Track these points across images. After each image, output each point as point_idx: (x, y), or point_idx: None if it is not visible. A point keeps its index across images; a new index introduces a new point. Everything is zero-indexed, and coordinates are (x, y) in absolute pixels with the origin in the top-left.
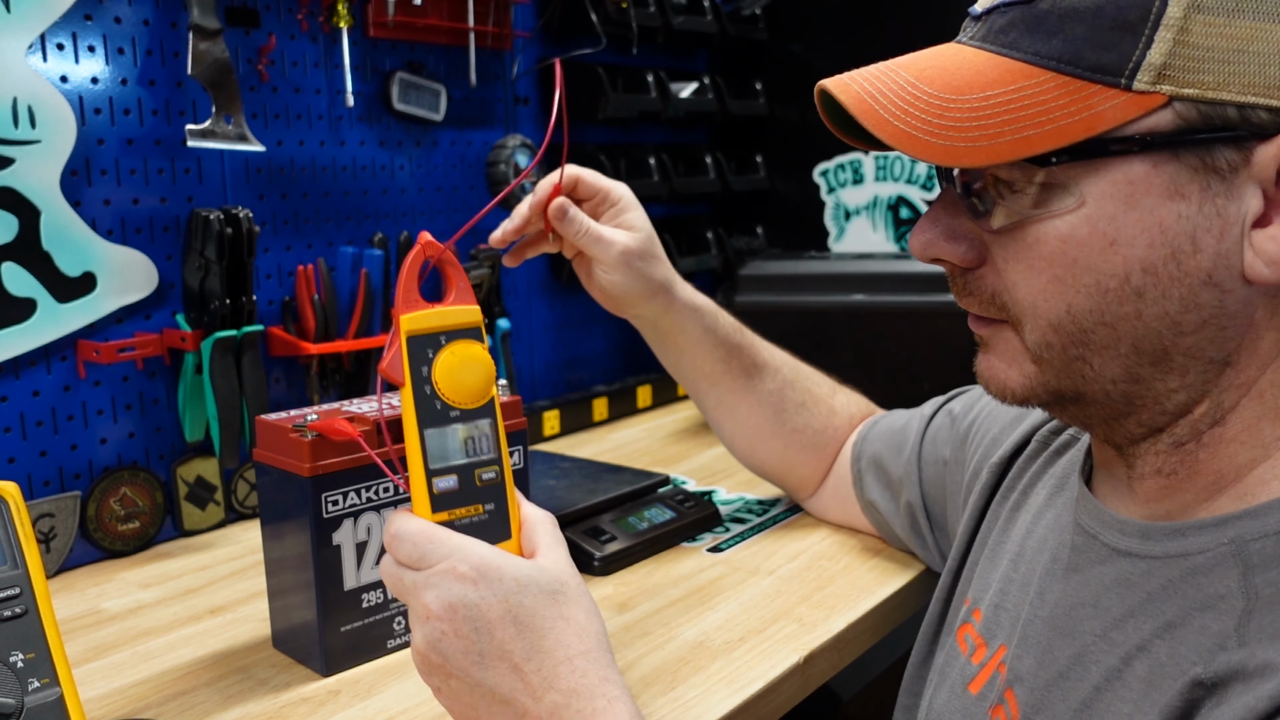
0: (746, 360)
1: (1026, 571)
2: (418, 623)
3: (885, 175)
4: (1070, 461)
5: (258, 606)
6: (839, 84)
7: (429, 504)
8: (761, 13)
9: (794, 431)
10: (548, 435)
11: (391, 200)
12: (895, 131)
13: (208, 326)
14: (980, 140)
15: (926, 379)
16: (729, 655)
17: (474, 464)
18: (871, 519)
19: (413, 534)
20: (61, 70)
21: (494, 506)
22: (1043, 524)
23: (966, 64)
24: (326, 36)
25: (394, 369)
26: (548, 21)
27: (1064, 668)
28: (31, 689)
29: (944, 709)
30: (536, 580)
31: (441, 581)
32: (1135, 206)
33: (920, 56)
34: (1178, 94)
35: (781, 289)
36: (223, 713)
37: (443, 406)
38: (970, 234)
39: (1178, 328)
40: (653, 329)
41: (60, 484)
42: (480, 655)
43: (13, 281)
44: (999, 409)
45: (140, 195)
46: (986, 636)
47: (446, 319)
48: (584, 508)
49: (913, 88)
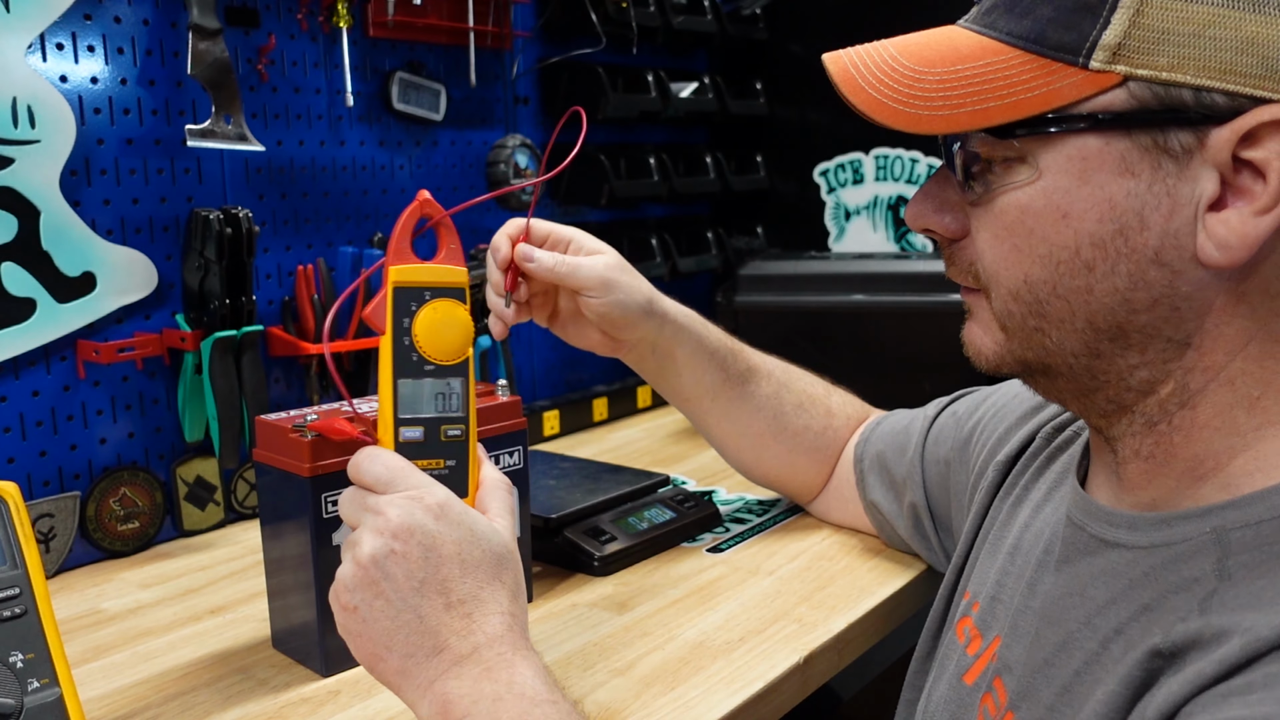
0: (741, 366)
1: (1022, 564)
2: (370, 534)
3: (885, 175)
4: (1069, 458)
5: (258, 606)
6: (833, 57)
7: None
8: (761, 13)
9: (795, 434)
10: (548, 435)
11: (391, 200)
12: (867, 98)
13: (207, 326)
14: (943, 109)
15: (926, 379)
16: (729, 655)
17: (441, 419)
18: (873, 520)
19: (385, 459)
20: (61, 70)
21: (455, 463)
22: (1040, 519)
23: (948, 42)
24: (326, 36)
25: (377, 316)
26: (548, 21)
27: (1049, 655)
28: (31, 689)
29: (941, 700)
30: (488, 538)
31: (406, 504)
32: (1087, 181)
33: (913, 35)
34: (1132, 74)
35: (781, 289)
36: (223, 713)
37: (418, 359)
38: (957, 206)
39: (1129, 305)
40: (650, 352)
41: (60, 484)
42: (421, 582)
43: (12, 281)
44: (1004, 409)
45: (140, 195)
46: (982, 628)
47: (434, 275)
48: (584, 508)
49: (893, 60)
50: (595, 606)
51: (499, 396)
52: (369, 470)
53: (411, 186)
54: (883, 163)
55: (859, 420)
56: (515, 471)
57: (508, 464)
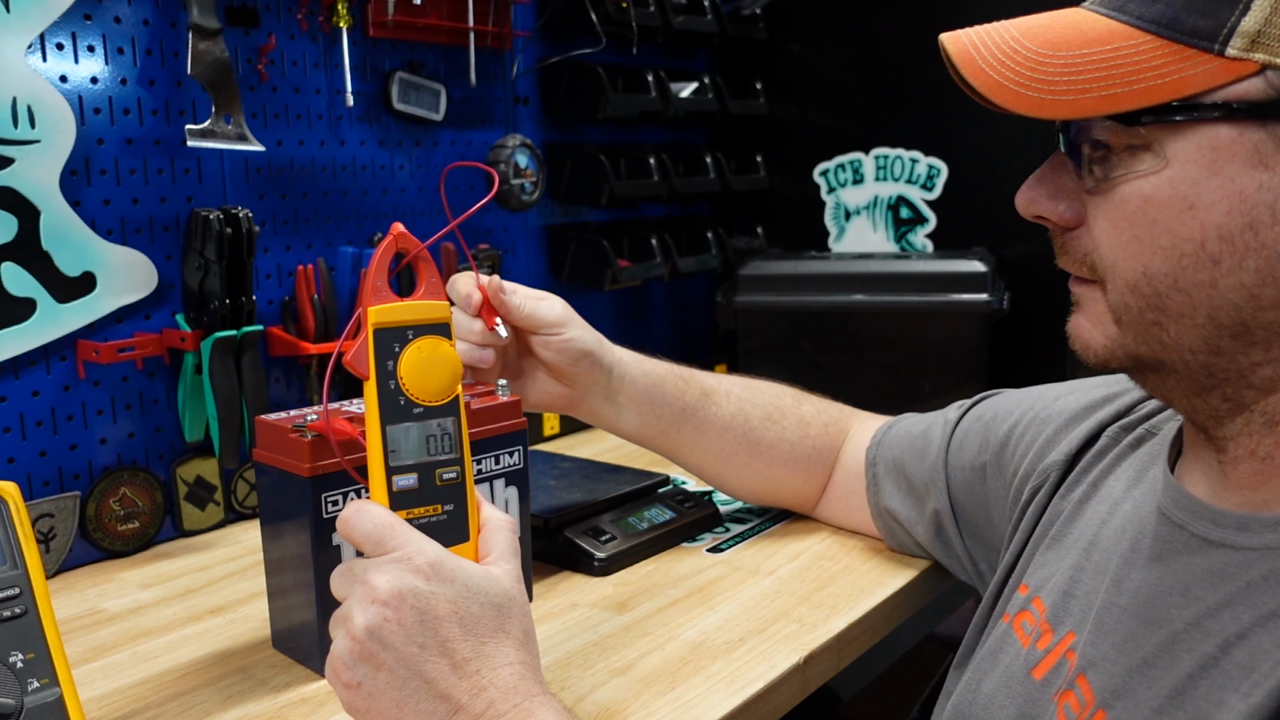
0: (695, 391)
1: (1101, 560)
2: (360, 606)
3: (885, 175)
4: (1149, 453)
5: (258, 606)
6: (952, 37)
7: (387, 502)
8: (761, 12)
9: (769, 447)
10: (548, 435)
11: (391, 200)
12: (987, 80)
13: (207, 326)
14: (1067, 94)
15: (926, 379)
16: (729, 655)
17: (435, 463)
18: (883, 525)
19: (374, 514)
20: (61, 70)
21: (453, 507)
22: (1120, 514)
23: (1074, 24)
24: (326, 36)
25: (359, 361)
26: (547, 21)
27: (1149, 655)
28: (31, 689)
29: (995, 694)
30: (486, 590)
31: (394, 568)
32: (1217, 172)
33: (1037, 17)
34: (1271, 62)
35: (781, 289)
36: (222, 713)
37: (406, 403)
38: (1072, 193)
39: (1255, 301)
40: (604, 397)
41: (60, 484)
42: (420, 647)
43: (12, 281)
44: (1047, 412)
45: (140, 195)
46: (1054, 623)
47: (416, 313)
48: (584, 508)
49: (1015, 42)
50: (595, 606)
51: (499, 396)
52: (358, 526)
53: (411, 186)
54: (883, 163)
55: (839, 425)
56: (515, 471)
57: (508, 464)
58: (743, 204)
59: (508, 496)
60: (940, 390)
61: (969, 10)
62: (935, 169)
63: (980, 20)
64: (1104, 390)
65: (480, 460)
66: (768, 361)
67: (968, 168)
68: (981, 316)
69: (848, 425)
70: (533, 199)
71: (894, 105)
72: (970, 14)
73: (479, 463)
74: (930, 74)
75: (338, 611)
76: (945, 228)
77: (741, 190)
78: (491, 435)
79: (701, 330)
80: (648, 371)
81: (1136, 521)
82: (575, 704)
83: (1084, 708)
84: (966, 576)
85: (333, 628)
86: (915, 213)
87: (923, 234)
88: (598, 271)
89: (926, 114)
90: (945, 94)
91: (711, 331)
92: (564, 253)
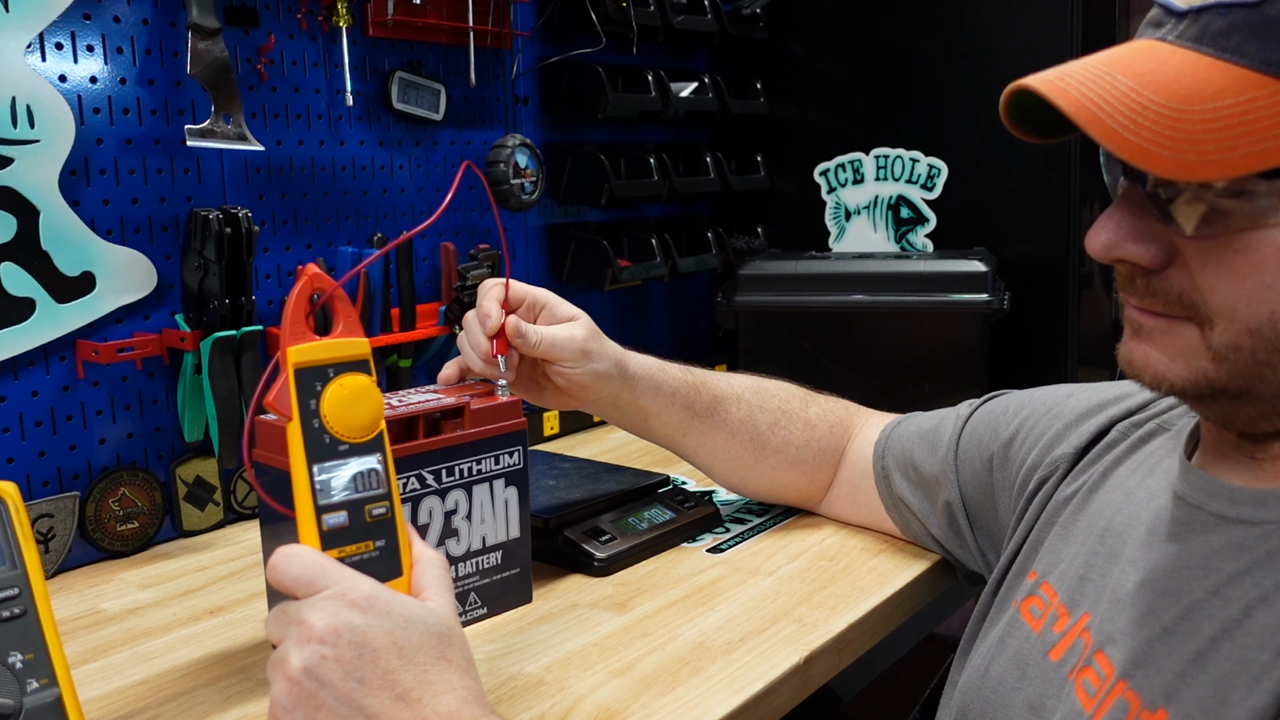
0: (706, 399)
1: (1115, 544)
2: (296, 646)
3: (885, 175)
4: (1162, 446)
5: (257, 607)
6: (1052, 87)
7: (318, 541)
8: (761, 12)
9: (776, 451)
10: (548, 435)
11: (391, 200)
12: (1126, 144)
13: (207, 326)
14: (1215, 154)
15: (926, 379)
16: (729, 656)
17: (364, 499)
18: (899, 517)
19: (304, 557)
20: (60, 70)
21: (384, 543)
22: (1134, 501)
23: (1187, 69)
24: (326, 36)
25: (280, 403)
26: (547, 21)
27: (1169, 624)
28: (30, 690)
29: (1006, 676)
30: (424, 620)
31: (328, 605)
32: None
33: (1128, 56)
34: None
35: (781, 289)
36: (222, 713)
37: (331, 441)
38: (1159, 236)
39: None
40: (613, 406)
41: (59, 484)
42: (360, 681)
43: (11, 281)
44: (1055, 409)
45: (139, 195)
46: (1070, 606)
47: (335, 351)
48: (584, 508)
49: (1136, 94)
50: (595, 606)
51: (499, 396)
52: (287, 571)
53: (411, 186)
54: (883, 162)
55: (844, 425)
56: (515, 471)
57: (508, 464)
58: (743, 204)
59: (507, 496)
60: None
61: (969, 10)
62: (935, 169)
63: (981, 20)
64: (1115, 390)
65: (480, 460)
66: (768, 361)
67: (968, 168)
68: (981, 316)
69: (853, 423)
70: (532, 199)
71: (894, 105)
72: (970, 13)
73: (479, 462)
74: (930, 74)
75: (273, 655)
76: (945, 228)
77: (741, 190)
78: (491, 435)
79: (701, 330)
80: (660, 384)
81: (1152, 508)
82: (575, 704)
83: (1104, 680)
84: (976, 568)
85: (270, 672)
86: (915, 213)
87: (923, 234)
88: (598, 271)
89: (926, 114)
90: (945, 94)
91: (711, 331)
92: (564, 253)
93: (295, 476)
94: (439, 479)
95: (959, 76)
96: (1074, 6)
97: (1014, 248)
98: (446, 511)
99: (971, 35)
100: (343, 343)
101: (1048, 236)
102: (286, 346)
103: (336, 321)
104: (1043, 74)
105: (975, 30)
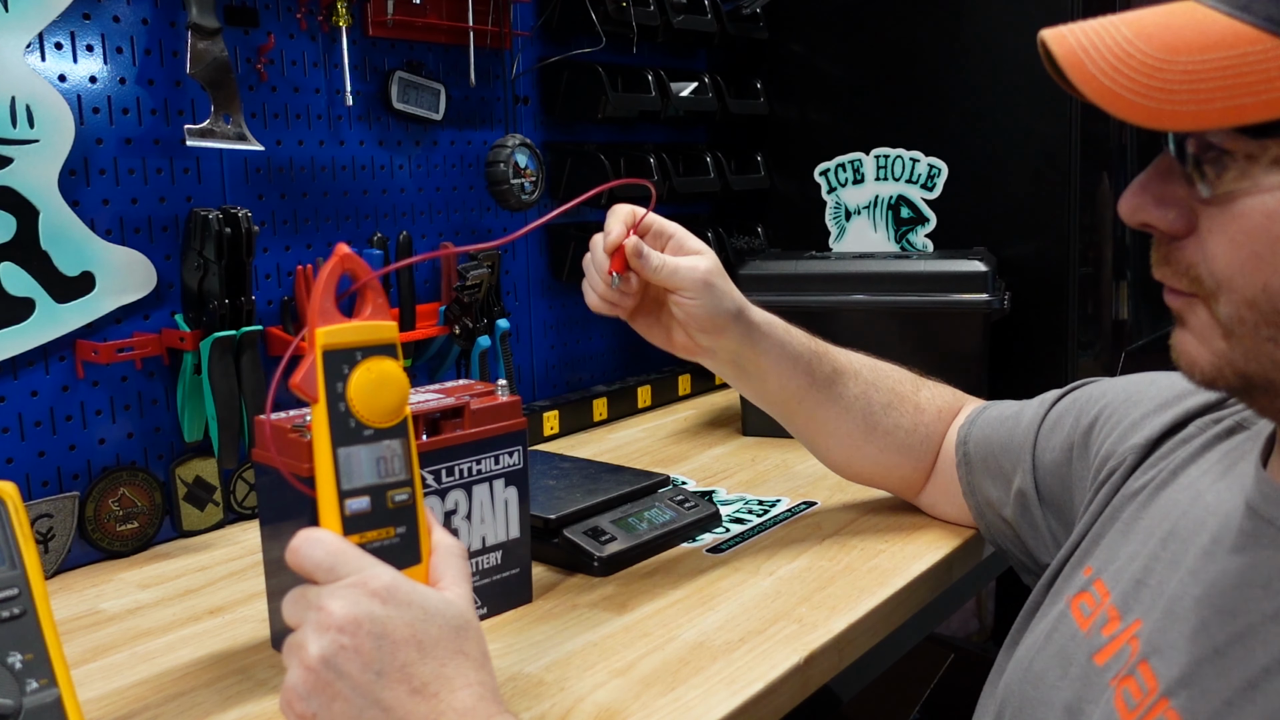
0: (827, 369)
1: (1178, 550)
2: (315, 634)
3: (885, 175)
4: (1238, 447)
5: (257, 607)
6: (1057, 35)
7: (340, 526)
8: (761, 12)
9: (886, 434)
10: (548, 435)
11: (391, 200)
12: (1099, 88)
13: (206, 326)
14: (1189, 104)
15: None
16: (729, 656)
17: (386, 485)
18: (975, 504)
19: (326, 542)
20: (60, 69)
21: (405, 530)
22: (1201, 504)
23: (1193, 23)
24: (325, 36)
25: (308, 384)
26: (547, 21)
27: (1221, 645)
28: (30, 690)
29: (1048, 672)
30: (443, 612)
31: (349, 594)
32: None
33: (1150, 11)
34: None
35: (781, 289)
36: (222, 713)
37: (356, 425)
38: (1182, 201)
39: None
40: (733, 360)
41: (59, 484)
42: (378, 673)
43: (11, 281)
44: (1138, 395)
45: (139, 195)
46: (1122, 609)
47: (364, 334)
48: (584, 508)
49: (1129, 44)
50: (595, 606)
51: (499, 396)
52: (309, 555)
53: (411, 186)
54: (883, 162)
55: (951, 411)
56: (515, 471)
57: (507, 464)
58: (743, 204)
59: (507, 496)
60: None
61: (969, 10)
62: (935, 169)
63: (981, 20)
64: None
65: (480, 460)
66: None
67: (968, 168)
68: (982, 316)
69: (958, 409)
70: (532, 198)
71: (894, 105)
72: (971, 13)
73: (479, 462)
74: (930, 74)
75: (290, 639)
76: (945, 228)
77: (741, 190)
78: (491, 435)
79: None
80: (785, 344)
81: (1220, 514)
82: (575, 704)
83: (1145, 694)
84: (1049, 557)
85: (286, 656)
86: (916, 212)
87: (923, 234)
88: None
89: (926, 114)
90: (945, 94)
91: None
92: (564, 252)
93: (318, 459)
94: (439, 479)
95: (959, 76)
96: (1074, 6)
97: (1014, 248)
98: (446, 511)
99: (972, 35)
100: (372, 325)
101: (1048, 236)
102: (315, 327)
103: (365, 304)
104: (1063, 25)
105: (975, 30)
